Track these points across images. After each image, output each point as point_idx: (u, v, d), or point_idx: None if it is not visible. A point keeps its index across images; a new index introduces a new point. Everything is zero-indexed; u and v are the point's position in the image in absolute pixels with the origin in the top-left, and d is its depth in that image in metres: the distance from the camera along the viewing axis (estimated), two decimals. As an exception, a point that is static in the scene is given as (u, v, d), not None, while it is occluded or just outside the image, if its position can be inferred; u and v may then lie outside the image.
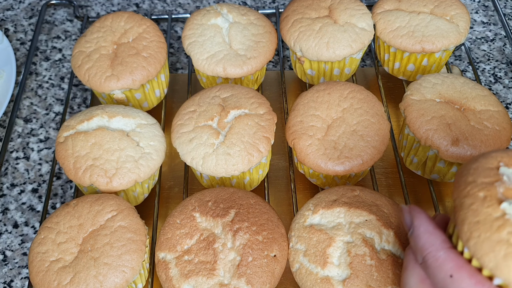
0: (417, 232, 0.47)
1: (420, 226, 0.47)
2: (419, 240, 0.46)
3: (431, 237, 0.45)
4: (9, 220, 0.77)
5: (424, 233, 0.46)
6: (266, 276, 0.59)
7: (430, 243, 0.45)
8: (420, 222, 0.47)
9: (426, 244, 0.45)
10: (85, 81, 0.77)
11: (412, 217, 0.48)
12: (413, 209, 0.49)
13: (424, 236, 0.46)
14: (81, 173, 0.67)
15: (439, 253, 0.44)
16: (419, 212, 0.48)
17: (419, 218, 0.47)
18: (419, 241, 0.46)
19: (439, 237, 0.45)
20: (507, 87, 0.91)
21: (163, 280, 0.60)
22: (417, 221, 0.47)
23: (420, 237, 0.46)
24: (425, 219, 0.47)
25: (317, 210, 0.63)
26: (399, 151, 0.78)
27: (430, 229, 0.46)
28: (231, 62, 0.78)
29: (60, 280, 0.58)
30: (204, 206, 0.64)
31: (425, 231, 0.46)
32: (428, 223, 0.46)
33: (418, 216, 0.48)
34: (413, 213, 0.48)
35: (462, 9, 0.82)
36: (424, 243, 0.45)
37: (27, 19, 1.04)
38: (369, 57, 0.97)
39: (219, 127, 0.70)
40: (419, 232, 0.46)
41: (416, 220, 0.47)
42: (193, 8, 1.06)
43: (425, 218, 0.47)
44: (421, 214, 0.48)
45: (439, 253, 0.44)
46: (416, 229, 0.47)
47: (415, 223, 0.47)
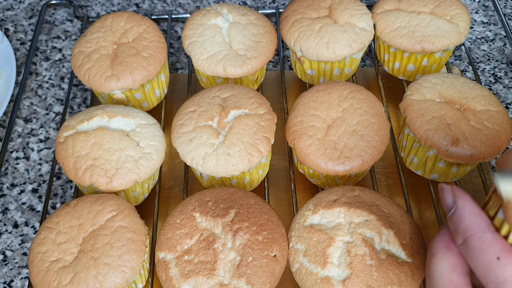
0: (461, 212, 0.44)
1: (465, 206, 0.44)
2: (462, 221, 0.44)
3: (477, 219, 0.43)
4: (9, 220, 0.77)
5: (470, 214, 0.43)
6: (266, 276, 0.59)
7: (476, 224, 0.43)
8: (465, 203, 0.44)
9: (472, 225, 0.43)
10: (85, 81, 0.77)
11: (456, 197, 0.45)
12: (456, 189, 0.46)
13: (469, 217, 0.43)
14: (81, 173, 0.67)
15: (486, 235, 0.42)
16: (463, 193, 0.45)
17: (464, 198, 0.45)
18: (462, 222, 0.44)
19: (485, 220, 0.43)
20: (507, 87, 0.91)
21: (163, 280, 0.60)
22: (462, 202, 0.45)
23: (464, 217, 0.44)
24: (470, 201, 0.45)
25: (317, 210, 0.63)
26: (399, 151, 0.78)
27: (475, 211, 0.44)
28: (231, 62, 0.78)
29: (60, 280, 0.58)
30: (204, 206, 0.64)
31: (471, 212, 0.44)
32: (473, 205, 0.44)
33: (462, 196, 0.45)
34: (456, 193, 0.45)
35: (462, 9, 0.82)
36: (469, 224, 0.43)
37: (27, 19, 1.04)
38: (369, 57, 0.97)
39: (219, 127, 0.70)
40: (463, 212, 0.44)
41: (460, 200, 0.45)
42: (193, 8, 1.06)
43: (469, 200, 0.45)
44: (465, 195, 0.45)
45: (485, 235, 0.42)
46: (460, 210, 0.44)
47: (459, 203, 0.45)
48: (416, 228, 0.62)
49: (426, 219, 0.75)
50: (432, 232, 0.73)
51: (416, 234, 0.61)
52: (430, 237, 0.73)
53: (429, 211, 0.75)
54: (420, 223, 0.74)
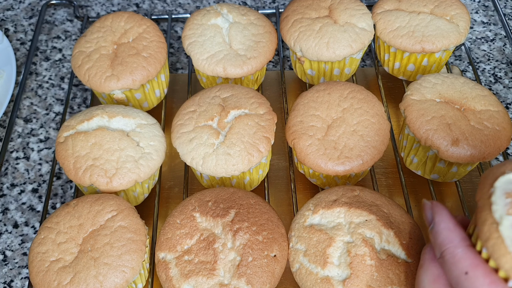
0: (437, 228, 0.47)
1: (441, 222, 0.47)
2: (438, 236, 0.46)
3: (451, 234, 0.46)
4: (9, 220, 0.77)
5: (444, 229, 0.46)
6: (266, 276, 0.59)
7: (449, 240, 0.45)
8: (441, 218, 0.47)
9: (445, 240, 0.45)
10: (85, 81, 0.77)
11: (434, 213, 0.48)
12: (435, 205, 0.49)
13: (444, 232, 0.46)
14: (81, 173, 0.67)
15: (457, 250, 0.44)
16: (441, 209, 0.48)
17: (441, 214, 0.48)
18: (438, 236, 0.46)
19: (459, 235, 0.45)
20: (507, 87, 0.91)
21: (163, 280, 0.60)
22: (438, 217, 0.47)
23: (440, 233, 0.46)
24: (446, 216, 0.47)
25: (317, 210, 0.63)
26: (399, 151, 0.78)
27: (450, 226, 0.46)
28: (231, 62, 0.78)
29: (60, 280, 0.58)
30: (204, 206, 0.64)
31: (445, 227, 0.46)
32: (449, 220, 0.47)
33: (439, 212, 0.48)
34: (435, 209, 0.48)
35: (462, 9, 0.82)
36: (444, 239, 0.46)
37: (27, 19, 1.04)
38: (369, 57, 0.97)
39: (219, 127, 0.70)
40: (439, 228, 0.47)
41: (437, 216, 0.48)
42: (193, 8, 1.06)
43: (446, 215, 0.47)
44: (443, 210, 0.48)
45: (457, 249, 0.44)
46: (436, 225, 0.47)
47: (436, 219, 0.47)
48: (416, 228, 0.62)
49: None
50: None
51: (416, 234, 0.61)
52: (430, 237, 0.73)
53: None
54: (420, 223, 0.74)
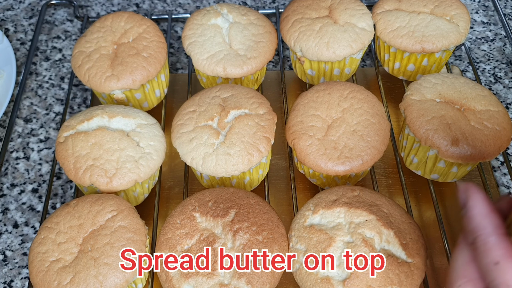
0: (470, 213, 0.44)
1: (474, 207, 0.44)
2: (471, 222, 0.44)
3: (484, 220, 0.43)
4: (9, 220, 0.77)
5: (477, 215, 0.44)
6: (266, 276, 0.59)
7: (482, 226, 0.43)
8: (475, 203, 0.44)
9: (478, 226, 0.43)
10: (85, 81, 0.77)
11: (468, 196, 0.45)
12: (469, 188, 0.46)
13: (477, 218, 0.44)
14: (81, 173, 0.67)
15: (490, 238, 0.42)
16: (475, 192, 0.45)
17: (475, 198, 0.45)
18: (471, 222, 0.44)
19: (493, 221, 0.43)
20: (507, 87, 0.91)
21: (163, 280, 0.60)
22: (472, 202, 0.45)
23: (473, 219, 0.44)
24: (480, 200, 0.44)
25: (317, 210, 0.63)
26: (399, 151, 0.78)
27: (484, 212, 0.44)
28: (231, 62, 0.78)
29: (60, 280, 0.58)
30: (204, 206, 0.64)
31: (479, 213, 0.44)
32: (483, 205, 0.44)
33: (474, 196, 0.45)
34: (469, 192, 0.45)
35: (462, 9, 0.82)
36: (476, 226, 0.43)
37: (27, 19, 1.04)
38: (369, 57, 0.97)
39: (219, 127, 0.70)
40: (472, 213, 0.44)
41: (471, 200, 0.45)
42: (193, 8, 1.06)
43: (480, 199, 0.44)
44: (477, 194, 0.45)
45: (489, 238, 0.42)
46: (470, 210, 0.44)
47: (469, 203, 0.45)
48: (416, 228, 0.62)
49: (426, 219, 0.75)
50: (432, 232, 0.73)
51: (416, 234, 0.61)
52: (430, 237, 0.73)
53: (429, 211, 0.75)
54: (420, 223, 0.74)
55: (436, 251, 0.72)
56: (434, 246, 0.72)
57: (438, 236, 0.73)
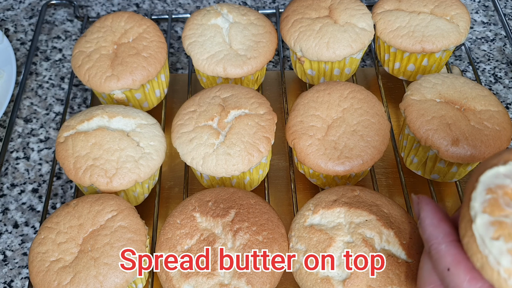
0: (422, 224, 0.47)
1: (425, 218, 0.47)
2: (424, 233, 0.47)
3: (435, 230, 0.46)
4: (9, 220, 0.77)
5: (429, 225, 0.46)
6: (266, 276, 0.59)
7: (433, 236, 0.46)
8: (426, 215, 0.47)
9: (430, 236, 0.46)
10: (85, 81, 0.77)
11: (419, 208, 0.48)
12: (421, 200, 0.49)
13: (428, 228, 0.46)
14: (81, 173, 0.67)
15: (441, 246, 0.45)
16: (426, 204, 0.48)
17: (425, 210, 0.48)
18: (424, 233, 0.47)
19: (443, 230, 0.45)
20: (507, 87, 0.91)
21: (163, 280, 0.60)
22: (423, 213, 0.47)
23: (425, 229, 0.47)
24: (431, 211, 0.47)
25: (317, 210, 0.63)
26: (399, 151, 0.78)
27: (434, 222, 0.46)
28: (231, 62, 0.78)
29: (60, 280, 0.58)
30: (204, 206, 0.64)
31: (430, 224, 0.46)
32: (433, 216, 0.47)
33: (424, 208, 0.48)
34: (420, 205, 0.48)
35: (462, 9, 0.82)
36: (428, 236, 0.46)
37: (27, 19, 1.04)
38: (369, 57, 0.97)
39: (219, 127, 0.70)
40: (424, 224, 0.47)
41: (422, 212, 0.48)
42: (193, 8, 1.06)
43: (431, 210, 0.47)
44: (428, 205, 0.48)
45: (440, 246, 0.45)
46: (422, 222, 0.47)
47: (421, 215, 0.48)
48: (416, 228, 0.62)
49: (426, 219, 0.75)
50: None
51: (416, 234, 0.61)
52: (430, 237, 0.73)
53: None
54: (420, 223, 0.74)
55: (436, 251, 0.71)
56: (434, 246, 0.72)
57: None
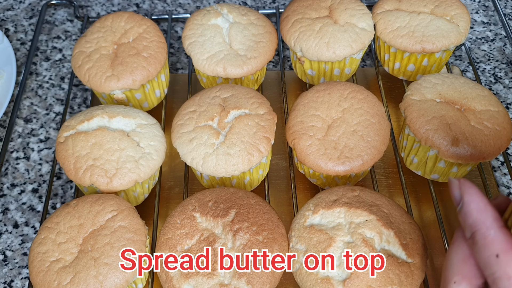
0: (467, 208, 0.44)
1: (470, 202, 0.44)
2: (469, 217, 0.44)
3: (482, 215, 0.43)
4: (9, 220, 0.77)
5: (475, 210, 0.44)
6: (266, 276, 0.59)
7: (480, 221, 0.43)
8: (470, 198, 0.44)
9: (477, 221, 0.43)
10: (86, 81, 0.77)
11: (463, 191, 0.45)
12: (463, 183, 0.45)
13: (474, 213, 0.43)
14: (82, 173, 0.67)
15: (489, 231, 0.42)
16: (470, 187, 0.45)
17: (470, 193, 0.44)
18: (469, 218, 0.44)
19: (491, 215, 0.43)
20: (507, 87, 0.91)
21: (163, 280, 0.60)
22: (468, 197, 0.44)
23: (470, 213, 0.44)
24: (476, 195, 0.44)
25: (317, 210, 0.63)
26: (399, 151, 0.78)
27: (481, 206, 0.44)
28: (231, 62, 0.78)
29: (60, 280, 0.58)
30: (205, 206, 0.64)
31: (476, 207, 0.44)
32: (479, 199, 0.44)
33: (468, 191, 0.45)
34: (463, 188, 0.45)
35: (463, 9, 0.82)
36: (475, 220, 0.43)
37: (27, 19, 1.04)
38: (369, 57, 0.97)
39: (219, 127, 0.70)
40: (469, 208, 0.44)
41: (466, 196, 0.45)
42: (193, 8, 1.06)
43: (476, 194, 0.44)
44: (472, 188, 0.45)
45: (489, 231, 0.42)
46: (466, 205, 0.44)
47: (465, 199, 0.44)
48: (416, 228, 0.62)
49: (426, 219, 0.75)
50: (432, 232, 0.73)
51: (416, 234, 0.61)
52: (430, 237, 0.73)
53: (429, 211, 0.75)
54: (420, 223, 0.74)
55: (436, 251, 0.72)
56: (434, 246, 0.72)
57: (438, 236, 0.73)
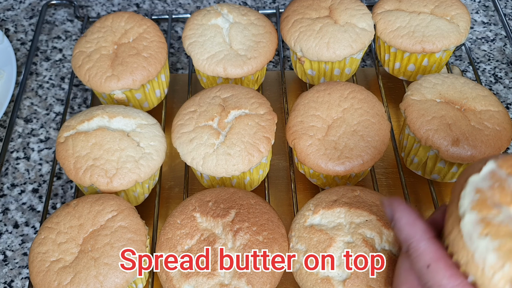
0: (398, 224, 0.47)
1: (401, 218, 0.47)
2: (402, 232, 0.47)
3: (413, 229, 0.46)
4: (10, 220, 0.77)
5: (406, 225, 0.47)
6: (266, 276, 0.59)
7: (411, 235, 0.46)
8: (401, 215, 0.47)
9: (408, 235, 0.46)
10: (86, 81, 0.77)
11: (393, 210, 0.48)
12: (392, 202, 0.49)
13: (405, 227, 0.46)
14: (82, 173, 0.67)
15: (420, 243, 0.45)
16: (399, 204, 0.48)
17: (400, 210, 0.48)
18: (402, 233, 0.47)
19: (420, 228, 0.46)
20: (507, 87, 0.91)
21: (163, 280, 0.60)
22: (398, 214, 0.48)
23: (402, 229, 0.47)
24: (405, 211, 0.47)
25: (318, 210, 0.63)
26: (400, 151, 0.78)
27: (410, 221, 0.47)
28: (231, 62, 0.78)
29: (60, 280, 0.58)
30: (205, 206, 0.64)
31: (406, 223, 0.47)
32: (409, 215, 0.47)
33: (398, 208, 0.48)
34: (393, 206, 0.48)
35: (463, 9, 0.82)
36: (406, 235, 0.46)
37: (27, 19, 1.04)
38: (370, 57, 0.97)
39: (219, 127, 0.70)
40: (400, 224, 0.47)
41: (397, 213, 0.48)
42: (194, 8, 1.06)
43: (405, 210, 0.47)
44: (401, 206, 0.48)
45: (420, 243, 0.45)
46: (397, 222, 0.47)
47: (396, 216, 0.48)
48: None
49: (427, 219, 0.75)
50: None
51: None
52: (431, 237, 0.73)
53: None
54: (420, 223, 0.74)
55: (436, 251, 0.71)
56: (434, 246, 0.72)
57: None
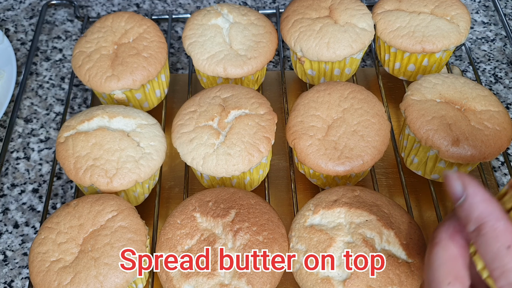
0: (472, 200, 0.42)
1: (476, 194, 0.42)
2: (475, 209, 0.42)
3: (490, 206, 0.42)
4: (10, 220, 0.77)
5: (482, 201, 0.42)
6: (266, 276, 0.59)
7: (489, 212, 0.41)
8: (476, 190, 0.43)
9: (485, 212, 0.41)
10: (86, 81, 0.77)
11: (465, 184, 0.43)
12: (464, 176, 0.44)
13: (481, 204, 0.42)
14: (82, 173, 0.67)
15: (499, 222, 0.41)
16: (472, 179, 0.43)
17: (473, 185, 0.43)
18: (475, 210, 0.42)
19: (499, 207, 0.42)
20: (507, 87, 0.91)
21: (163, 280, 0.60)
22: (472, 189, 0.43)
23: (476, 205, 0.42)
24: (480, 187, 0.43)
25: (318, 210, 0.63)
26: (400, 151, 0.78)
27: (487, 198, 0.42)
28: (231, 62, 0.78)
29: (60, 280, 0.58)
30: (205, 206, 0.64)
31: (483, 199, 0.42)
32: (484, 192, 0.43)
33: (472, 183, 0.43)
34: (465, 181, 0.43)
35: (463, 9, 0.82)
36: (482, 212, 0.42)
37: (27, 19, 1.04)
38: (370, 57, 0.97)
39: (219, 127, 0.70)
40: (474, 200, 0.42)
41: (470, 188, 0.43)
42: (194, 8, 1.06)
43: (480, 186, 0.43)
44: (475, 181, 0.43)
45: (499, 222, 0.41)
46: (471, 197, 0.42)
47: (469, 191, 0.43)
48: (416, 228, 0.62)
49: (426, 219, 0.75)
50: (432, 232, 0.73)
51: (416, 234, 0.61)
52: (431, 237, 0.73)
53: (429, 211, 0.75)
54: (420, 223, 0.74)
55: (436, 251, 0.71)
56: (434, 246, 0.72)
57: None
